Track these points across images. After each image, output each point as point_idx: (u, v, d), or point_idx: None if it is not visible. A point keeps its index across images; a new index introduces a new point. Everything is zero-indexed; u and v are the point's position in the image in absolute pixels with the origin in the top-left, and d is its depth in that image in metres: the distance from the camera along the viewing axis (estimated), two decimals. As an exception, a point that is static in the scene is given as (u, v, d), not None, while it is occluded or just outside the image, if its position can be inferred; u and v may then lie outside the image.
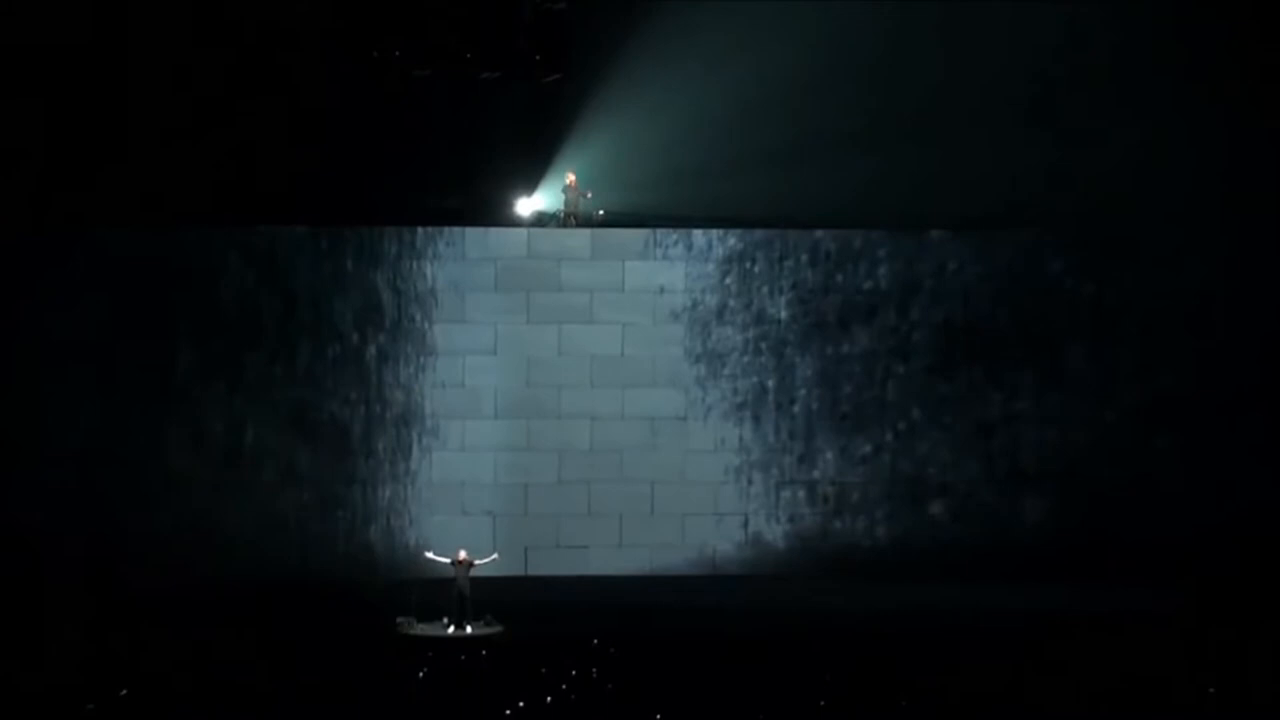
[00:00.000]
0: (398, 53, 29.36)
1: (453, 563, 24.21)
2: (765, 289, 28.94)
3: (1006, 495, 29.03)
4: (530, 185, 29.49)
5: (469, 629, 23.89)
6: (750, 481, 28.79)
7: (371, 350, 28.43)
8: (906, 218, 29.14)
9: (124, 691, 20.25)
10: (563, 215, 29.02)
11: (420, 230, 28.49)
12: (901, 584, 27.59)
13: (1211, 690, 20.59)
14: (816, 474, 28.94)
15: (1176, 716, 20.20)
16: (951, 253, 29.15)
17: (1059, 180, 29.05)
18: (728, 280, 28.88)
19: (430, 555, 24.87)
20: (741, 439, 28.80)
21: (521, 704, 19.91)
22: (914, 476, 29.00)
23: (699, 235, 28.85)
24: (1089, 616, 25.03)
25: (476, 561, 24.22)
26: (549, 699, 20.24)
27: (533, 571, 28.14)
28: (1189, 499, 28.65)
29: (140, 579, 26.50)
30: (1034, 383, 29.08)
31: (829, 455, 28.98)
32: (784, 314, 28.98)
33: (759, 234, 28.94)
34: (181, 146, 28.25)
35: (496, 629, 24.03)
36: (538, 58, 29.70)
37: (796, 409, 28.94)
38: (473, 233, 28.59)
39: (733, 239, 28.92)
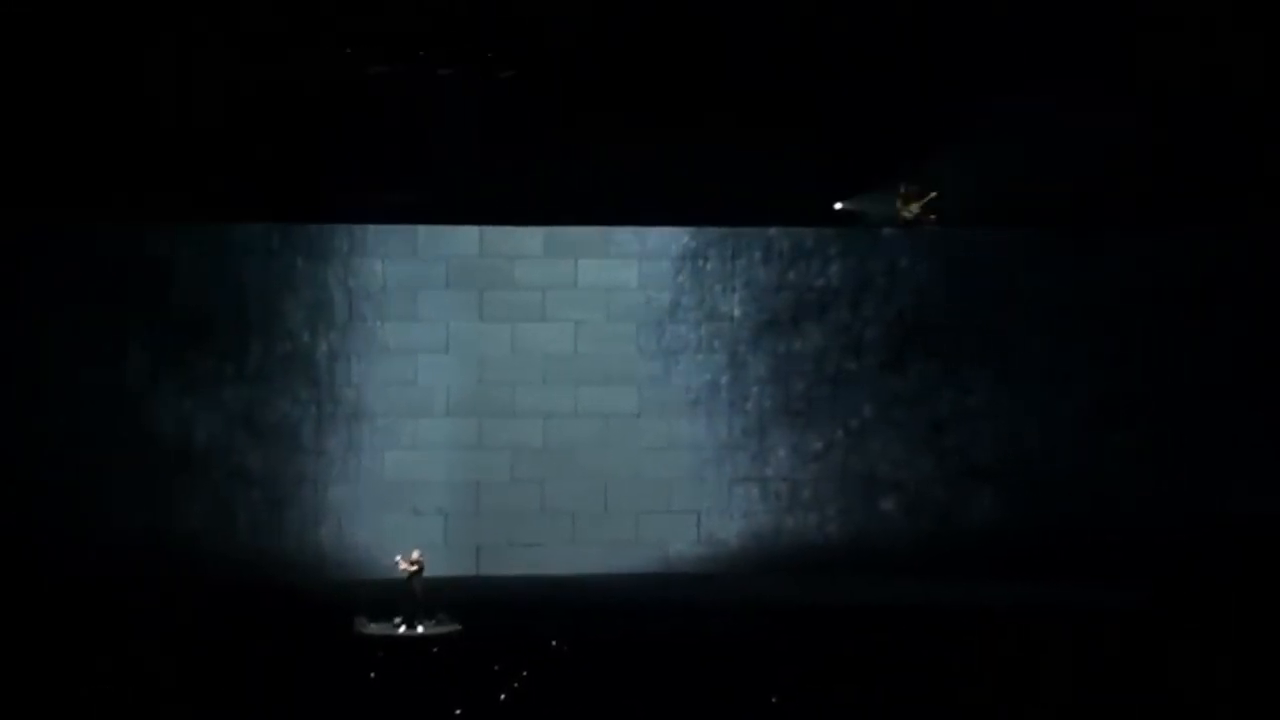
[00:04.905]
0: (349, 50, 29.14)
1: (405, 563, 24.18)
2: (718, 287, 28.89)
3: (958, 491, 29.09)
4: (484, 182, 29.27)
5: (421, 629, 23.82)
6: (703, 479, 28.74)
7: (322, 348, 28.23)
8: (859, 215, 29.18)
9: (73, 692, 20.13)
10: None
11: (371, 228, 28.30)
12: (854, 579, 27.62)
13: (1170, 687, 20.73)
14: (769, 471, 28.90)
15: (1136, 714, 20.33)
16: (903, 250, 29.18)
17: (1014, 176, 29.08)
18: (681, 278, 28.82)
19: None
20: (695, 436, 28.75)
21: (475, 703, 19.88)
22: (866, 473, 29.01)
23: (652, 233, 28.77)
24: (1041, 611, 25.15)
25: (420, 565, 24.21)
26: (503, 698, 20.20)
27: (485, 571, 27.99)
28: (1142, 496, 28.77)
29: (87, 580, 26.22)
30: (987, 379, 29.15)
31: (781, 452, 28.95)
32: (737, 311, 28.95)
33: (712, 232, 28.87)
34: (132, 143, 27.97)
35: (452, 628, 23.97)
36: (490, 55, 29.54)
37: (749, 406, 28.91)
38: (425, 230, 28.44)
39: (686, 237, 28.86)
